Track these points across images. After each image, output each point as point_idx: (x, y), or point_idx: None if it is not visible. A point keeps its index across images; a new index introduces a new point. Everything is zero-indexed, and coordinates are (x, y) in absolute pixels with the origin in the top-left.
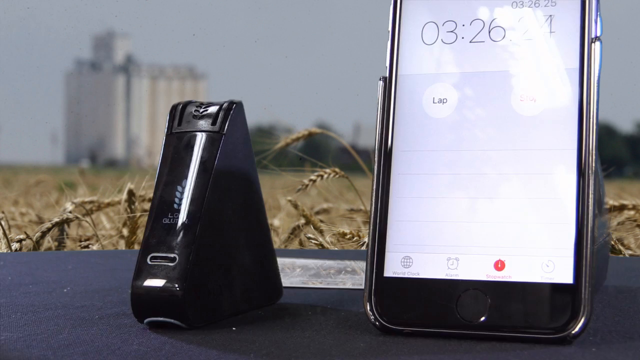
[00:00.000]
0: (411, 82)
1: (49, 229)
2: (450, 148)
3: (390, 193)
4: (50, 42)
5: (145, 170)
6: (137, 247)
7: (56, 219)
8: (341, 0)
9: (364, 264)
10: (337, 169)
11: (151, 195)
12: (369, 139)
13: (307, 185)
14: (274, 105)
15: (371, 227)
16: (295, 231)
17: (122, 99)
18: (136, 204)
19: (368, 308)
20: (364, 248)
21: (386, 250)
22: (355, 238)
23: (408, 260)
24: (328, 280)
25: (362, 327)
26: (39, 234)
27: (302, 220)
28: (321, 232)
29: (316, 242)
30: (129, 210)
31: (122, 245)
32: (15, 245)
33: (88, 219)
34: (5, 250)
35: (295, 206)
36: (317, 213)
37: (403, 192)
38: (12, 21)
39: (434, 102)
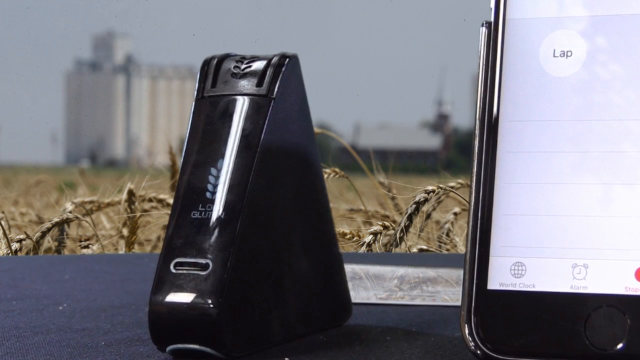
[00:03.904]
0: (524, 28)
1: (49, 229)
2: (576, 117)
3: (496, 178)
4: (50, 42)
5: (145, 171)
6: (138, 248)
7: (56, 219)
8: (341, 0)
9: (461, 272)
10: (337, 169)
11: (152, 195)
12: (369, 139)
13: None
14: None
15: (470, 224)
16: None
17: (122, 99)
18: (136, 204)
19: (467, 331)
20: (363, 249)
21: (490, 254)
22: (355, 238)
23: (520, 268)
24: (413, 294)
25: (458, 357)
26: (39, 234)
27: None
28: None
29: None
30: (129, 210)
31: (122, 245)
32: (15, 245)
33: (88, 219)
34: (5, 251)
35: None
36: None
37: (513, 176)
38: (12, 21)
39: (554, 56)
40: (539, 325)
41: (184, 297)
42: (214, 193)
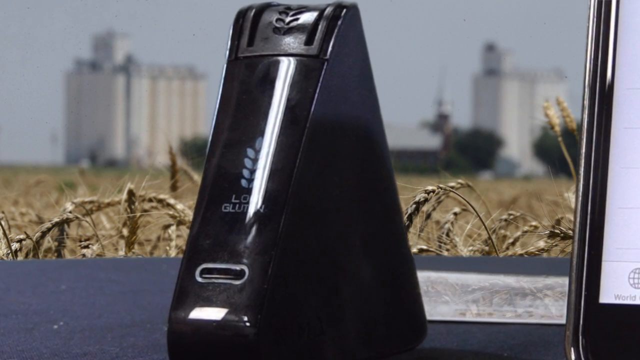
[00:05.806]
0: None
1: (49, 229)
2: None
3: (611, 161)
4: (50, 42)
5: (145, 170)
6: (138, 249)
7: (56, 219)
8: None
9: (566, 281)
10: None
11: (152, 195)
12: None
13: None
14: None
15: (578, 221)
16: None
17: (122, 99)
18: (136, 204)
19: (573, 356)
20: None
21: (603, 259)
22: None
23: None
24: (504, 309)
25: None
26: (39, 234)
27: None
28: None
29: None
30: (129, 210)
31: (122, 245)
32: (15, 245)
33: (88, 219)
34: (5, 251)
35: None
36: None
37: (632, 159)
38: (12, 21)
39: None
40: None
41: (213, 314)
42: (251, 180)
